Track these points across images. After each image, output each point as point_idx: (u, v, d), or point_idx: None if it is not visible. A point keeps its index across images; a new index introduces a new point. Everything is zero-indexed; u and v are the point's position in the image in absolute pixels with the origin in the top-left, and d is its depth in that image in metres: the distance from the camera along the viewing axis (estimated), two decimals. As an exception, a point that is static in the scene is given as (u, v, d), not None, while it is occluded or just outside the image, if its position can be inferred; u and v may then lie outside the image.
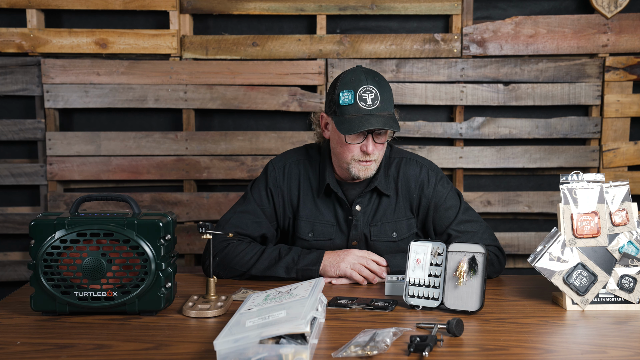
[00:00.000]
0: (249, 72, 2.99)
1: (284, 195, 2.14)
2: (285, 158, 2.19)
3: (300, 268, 1.99)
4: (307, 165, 2.15)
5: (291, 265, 1.99)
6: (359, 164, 2.00)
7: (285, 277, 2.00)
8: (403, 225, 2.13)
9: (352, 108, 1.94)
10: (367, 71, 1.99)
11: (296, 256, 2.01)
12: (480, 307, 1.69)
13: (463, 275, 1.71)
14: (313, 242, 2.12)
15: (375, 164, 2.03)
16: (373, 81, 1.95)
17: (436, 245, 1.78)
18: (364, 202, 2.11)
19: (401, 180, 2.12)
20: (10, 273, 3.07)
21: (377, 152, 2.00)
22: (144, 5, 2.95)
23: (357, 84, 1.95)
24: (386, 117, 1.94)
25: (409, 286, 1.77)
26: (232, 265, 2.03)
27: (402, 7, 2.97)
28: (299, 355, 1.32)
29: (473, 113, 3.06)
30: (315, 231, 2.12)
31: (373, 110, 1.93)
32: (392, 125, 1.92)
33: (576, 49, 2.99)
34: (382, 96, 1.95)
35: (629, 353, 1.46)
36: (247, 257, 2.02)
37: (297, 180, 2.14)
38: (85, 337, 1.55)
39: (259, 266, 2.01)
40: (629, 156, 3.03)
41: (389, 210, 2.12)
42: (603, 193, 1.81)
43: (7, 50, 2.95)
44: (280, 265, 2.00)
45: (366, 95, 1.93)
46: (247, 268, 2.02)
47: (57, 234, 1.65)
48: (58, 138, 2.99)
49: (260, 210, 2.13)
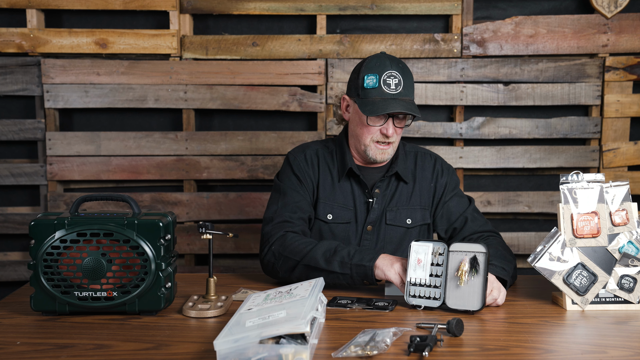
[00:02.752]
0: (249, 72, 2.99)
1: (310, 179, 2.17)
2: (303, 147, 2.25)
3: (354, 264, 1.91)
4: (325, 153, 2.21)
5: (346, 260, 1.92)
6: (377, 146, 2.07)
7: (338, 272, 1.92)
8: (417, 214, 2.17)
9: (376, 91, 2.01)
10: (391, 58, 2.06)
11: (352, 250, 1.94)
12: (482, 306, 1.69)
13: (464, 274, 1.71)
14: (332, 224, 2.15)
15: (393, 148, 2.10)
16: (397, 67, 2.03)
17: (437, 245, 1.79)
18: (383, 186, 2.16)
19: (418, 171, 2.20)
20: (10, 273, 3.07)
21: (396, 136, 2.08)
22: (144, 5, 2.95)
23: (382, 69, 2.02)
24: (408, 102, 2.02)
25: (410, 286, 1.78)
26: (286, 254, 1.97)
27: (402, 7, 2.97)
28: (299, 355, 1.32)
29: (473, 113, 3.06)
30: (334, 214, 2.15)
31: (396, 94, 2.01)
32: (414, 110, 2.00)
33: (576, 49, 2.99)
34: (405, 82, 2.03)
35: (629, 353, 1.46)
36: (302, 246, 1.97)
37: (317, 166, 2.19)
38: (85, 337, 1.55)
39: (314, 254, 1.94)
40: (629, 156, 3.03)
41: (405, 196, 2.17)
42: (603, 193, 1.81)
43: (7, 50, 2.95)
44: (336, 260, 1.92)
45: (390, 80, 2.01)
46: (301, 257, 1.95)
47: (57, 234, 1.65)
48: (58, 138, 2.99)
49: (298, 194, 2.13)
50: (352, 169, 2.13)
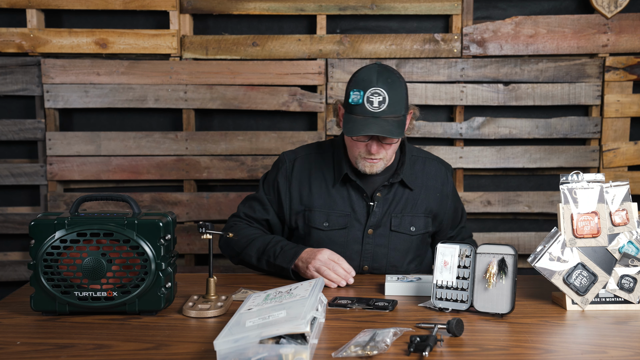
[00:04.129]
0: (249, 72, 2.99)
1: (291, 188, 2.17)
2: (298, 152, 2.24)
3: (278, 265, 2.03)
4: (319, 158, 2.19)
5: (271, 260, 2.05)
6: (365, 160, 2.04)
7: (268, 270, 2.08)
8: (421, 221, 2.17)
9: (360, 108, 1.97)
10: (381, 71, 1.99)
11: (278, 250, 2.05)
12: (511, 309, 1.67)
13: (493, 277, 1.69)
14: (328, 231, 2.13)
15: (383, 161, 2.06)
16: (384, 83, 1.96)
17: (464, 247, 1.76)
18: (385, 191, 2.14)
19: (425, 178, 2.19)
20: (10, 273, 3.07)
21: (385, 152, 2.03)
22: (144, 5, 2.95)
23: (367, 85, 1.96)
24: (391, 121, 1.96)
25: (436, 289, 1.76)
26: (232, 245, 2.13)
27: (402, 7, 2.97)
28: (299, 355, 1.32)
29: (473, 113, 3.06)
30: (330, 221, 2.13)
31: (379, 113, 1.95)
32: (392, 132, 1.94)
33: (576, 49, 2.99)
34: (391, 99, 1.96)
35: (629, 353, 1.46)
36: (242, 240, 2.11)
37: (308, 173, 2.17)
38: (85, 337, 1.55)
39: (249, 251, 2.09)
40: (629, 156, 3.03)
41: (410, 203, 2.16)
42: (603, 193, 1.81)
43: (7, 50, 2.95)
44: (264, 259, 2.06)
45: (374, 98, 1.95)
46: (240, 249, 2.10)
47: (57, 234, 1.65)
48: (58, 138, 2.99)
49: (267, 199, 2.20)
50: (347, 175, 2.12)
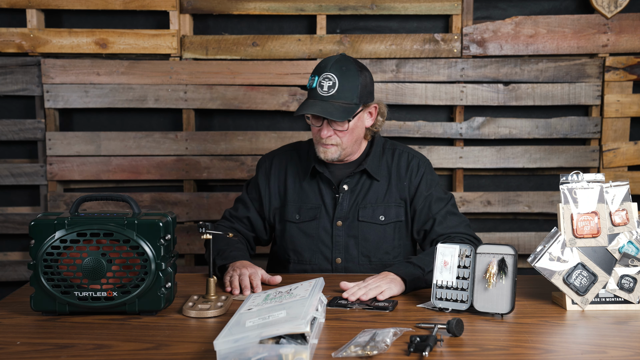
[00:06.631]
0: (249, 72, 2.99)
1: (270, 185, 2.24)
2: (276, 152, 2.31)
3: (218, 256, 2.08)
4: (295, 155, 2.26)
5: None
6: (320, 145, 2.09)
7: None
8: (392, 211, 2.17)
9: (312, 92, 2.04)
10: (340, 59, 2.04)
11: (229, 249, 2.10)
12: (511, 309, 1.67)
13: (493, 277, 1.69)
14: (299, 223, 2.19)
15: (337, 148, 2.09)
16: (337, 70, 2.02)
17: (464, 247, 1.76)
18: (352, 182, 2.17)
19: (394, 168, 2.19)
20: (10, 273, 3.07)
21: (336, 139, 2.07)
22: (144, 5, 2.95)
23: (321, 70, 2.04)
24: (337, 105, 2.00)
25: (436, 289, 1.76)
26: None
27: (402, 7, 2.97)
28: (299, 355, 1.32)
29: (473, 113, 3.06)
30: (301, 213, 2.19)
31: (327, 97, 2.01)
32: (332, 114, 1.99)
33: (576, 49, 2.99)
34: (341, 85, 2.01)
35: (629, 353, 1.46)
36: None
37: (285, 170, 2.24)
38: (85, 337, 1.55)
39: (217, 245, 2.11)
40: (629, 156, 3.03)
41: (379, 193, 2.17)
42: (603, 193, 1.81)
43: (7, 50, 2.95)
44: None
45: (324, 82, 2.02)
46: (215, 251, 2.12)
47: (57, 234, 1.65)
48: (58, 138, 2.99)
49: (249, 198, 2.27)
50: (315, 167, 2.17)
